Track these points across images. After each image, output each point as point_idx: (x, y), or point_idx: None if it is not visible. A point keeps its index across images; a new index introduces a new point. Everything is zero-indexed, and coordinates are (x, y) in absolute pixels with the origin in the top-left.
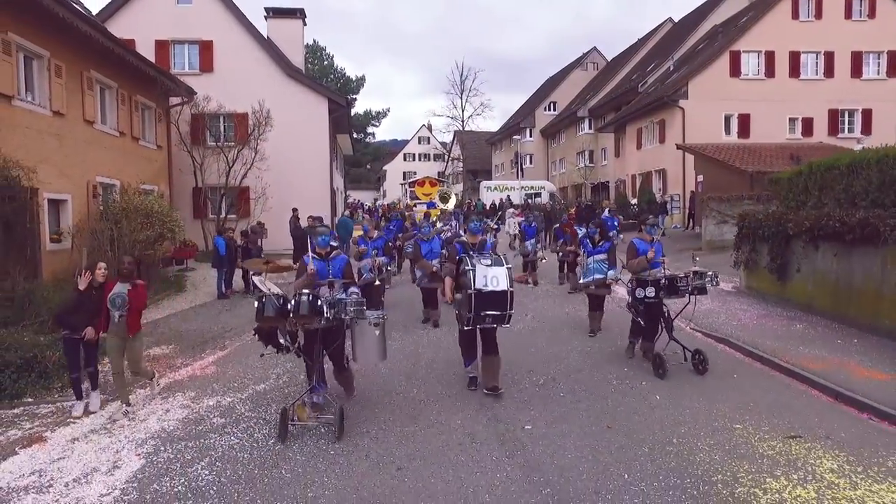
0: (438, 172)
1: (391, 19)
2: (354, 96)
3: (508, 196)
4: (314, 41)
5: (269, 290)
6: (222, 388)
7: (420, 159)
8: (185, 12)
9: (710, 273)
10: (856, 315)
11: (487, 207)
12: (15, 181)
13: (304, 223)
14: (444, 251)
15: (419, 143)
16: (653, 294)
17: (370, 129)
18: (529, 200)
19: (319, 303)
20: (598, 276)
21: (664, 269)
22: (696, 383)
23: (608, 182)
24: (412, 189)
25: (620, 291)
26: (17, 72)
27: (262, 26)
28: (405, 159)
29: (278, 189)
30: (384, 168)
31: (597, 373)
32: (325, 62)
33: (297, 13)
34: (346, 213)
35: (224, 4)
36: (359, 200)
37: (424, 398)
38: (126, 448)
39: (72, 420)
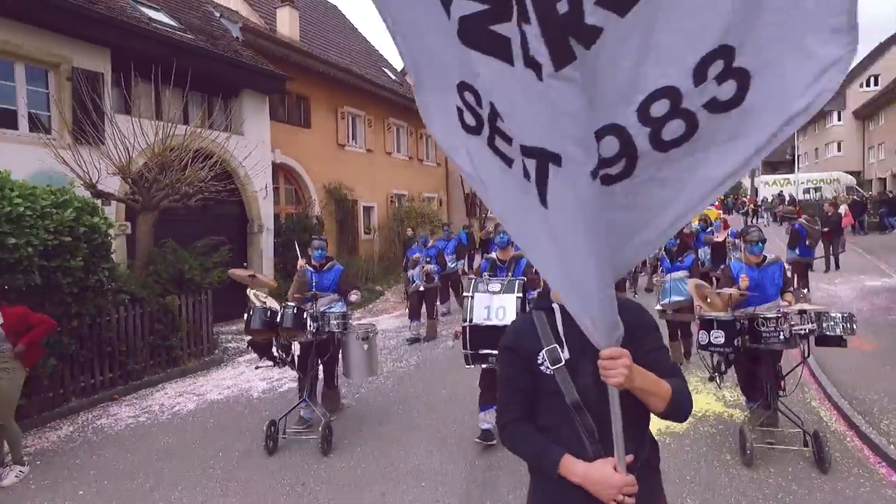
0: None
1: None
2: None
3: (780, 192)
4: None
5: (264, 303)
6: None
7: None
8: None
9: (835, 315)
10: None
11: (758, 204)
12: (345, 196)
13: None
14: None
15: None
16: (721, 341)
17: None
18: (804, 197)
19: (305, 316)
20: (676, 297)
21: (781, 304)
22: None
23: None
24: None
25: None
26: (347, 128)
27: None
28: None
29: None
30: None
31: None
32: None
33: None
34: None
35: None
36: None
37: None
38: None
39: None
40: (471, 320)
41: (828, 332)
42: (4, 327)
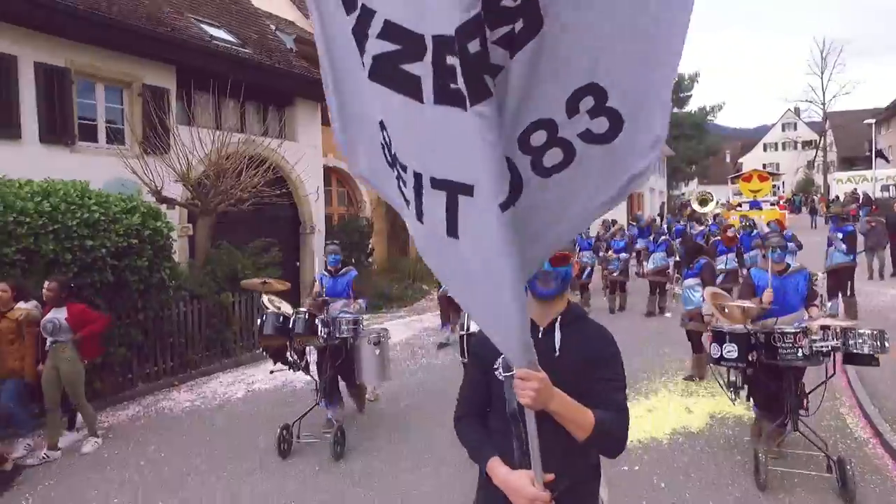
0: (808, 162)
1: None
2: (689, 94)
3: (855, 189)
4: None
5: (278, 307)
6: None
7: (784, 148)
8: None
9: (863, 332)
10: None
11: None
12: None
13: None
14: None
15: (783, 129)
16: (734, 355)
17: (707, 122)
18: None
19: (316, 321)
20: (688, 306)
21: (808, 317)
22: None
23: None
24: (735, 185)
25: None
26: None
27: None
28: (765, 150)
29: None
30: (740, 161)
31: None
32: None
33: None
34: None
35: None
36: (688, 200)
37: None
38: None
39: None
40: (468, 328)
41: (854, 350)
42: (68, 321)
